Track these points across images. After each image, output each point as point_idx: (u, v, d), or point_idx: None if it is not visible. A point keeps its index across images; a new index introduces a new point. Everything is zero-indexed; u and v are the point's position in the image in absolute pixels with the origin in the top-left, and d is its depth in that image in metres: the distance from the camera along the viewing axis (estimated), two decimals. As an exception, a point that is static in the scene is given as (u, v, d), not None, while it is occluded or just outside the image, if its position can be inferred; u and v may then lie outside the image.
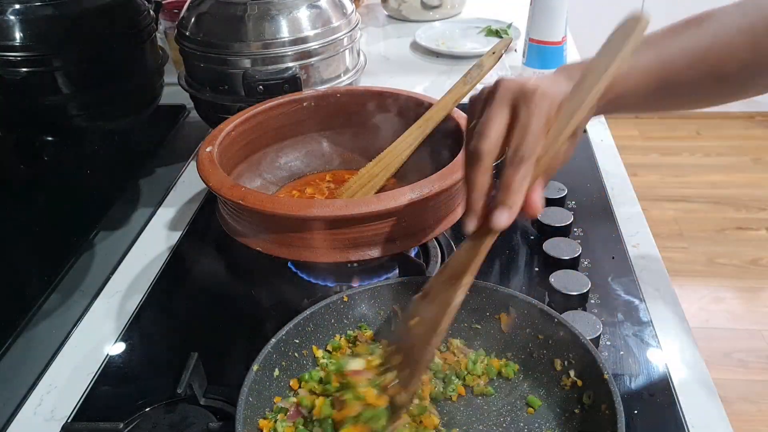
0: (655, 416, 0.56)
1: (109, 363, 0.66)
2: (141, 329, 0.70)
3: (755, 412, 1.64)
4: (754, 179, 2.57)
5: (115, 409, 0.60)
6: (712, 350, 1.80)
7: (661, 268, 0.73)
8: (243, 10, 0.86)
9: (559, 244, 0.73)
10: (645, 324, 0.65)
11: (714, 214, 2.38)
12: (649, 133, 2.94)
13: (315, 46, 0.88)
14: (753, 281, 2.06)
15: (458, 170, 0.63)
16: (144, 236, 0.86)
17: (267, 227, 0.63)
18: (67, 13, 0.87)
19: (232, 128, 0.74)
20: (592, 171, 0.92)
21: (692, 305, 1.96)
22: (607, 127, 1.05)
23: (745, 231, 2.30)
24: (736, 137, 2.87)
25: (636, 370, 0.60)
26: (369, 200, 0.59)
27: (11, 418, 0.61)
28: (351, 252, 0.62)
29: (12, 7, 0.84)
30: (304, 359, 0.57)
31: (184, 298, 0.75)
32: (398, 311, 0.61)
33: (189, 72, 0.94)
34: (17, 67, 0.85)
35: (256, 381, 0.51)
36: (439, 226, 0.66)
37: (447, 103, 0.74)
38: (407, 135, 0.75)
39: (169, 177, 0.98)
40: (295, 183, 0.81)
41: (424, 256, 0.76)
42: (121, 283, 0.78)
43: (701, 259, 2.17)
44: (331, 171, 0.83)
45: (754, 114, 3.00)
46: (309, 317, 0.57)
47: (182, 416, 0.58)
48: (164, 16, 1.28)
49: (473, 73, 0.75)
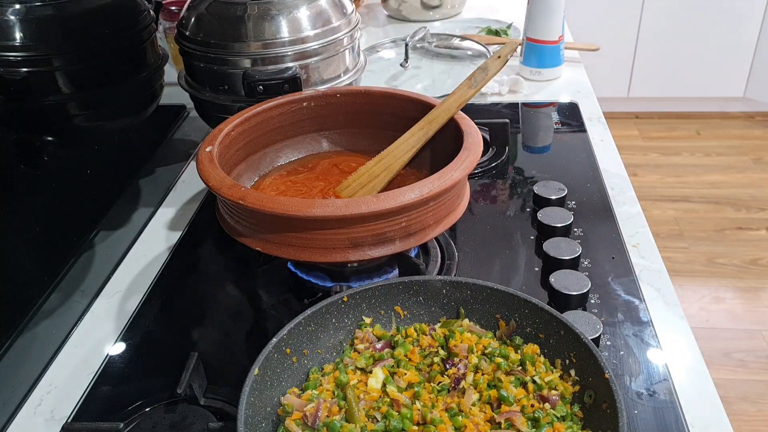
0: (655, 416, 0.56)
1: (109, 363, 0.66)
2: (141, 329, 0.70)
3: (755, 412, 1.64)
4: (754, 179, 2.57)
5: (115, 409, 0.60)
6: (712, 350, 1.80)
7: (661, 268, 0.73)
8: (243, 10, 0.86)
9: (559, 244, 0.73)
10: (645, 324, 0.65)
11: (714, 214, 2.38)
12: (649, 133, 2.94)
13: (315, 46, 0.88)
14: (753, 281, 2.06)
15: (458, 170, 0.63)
16: (144, 236, 0.86)
17: (267, 227, 0.63)
18: (67, 13, 0.87)
19: (232, 128, 0.74)
20: (592, 171, 0.92)
21: (692, 305, 1.96)
22: (607, 127, 1.05)
23: (745, 231, 2.30)
24: (736, 137, 2.87)
25: (636, 370, 0.60)
26: (369, 200, 0.59)
27: (11, 418, 0.61)
28: (351, 252, 0.62)
29: (12, 7, 0.84)
30: (304, 359, 0.57)
31: (184, 298, 0.75)
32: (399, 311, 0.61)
33: (189, 72, 0.94)
34: (17, 67, 0.85)
35: (257, 381, 0.51)
36: (439, 226, 0.66)
37: (451, 106, 0.74)
38: (409, 136, 0.75)
39: (169, 177, 0.99)
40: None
41: (424, 256, 0.76)
42: (121, 283, 0.78)
43: (701, 259, 2.17)
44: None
45: (754, 114, 3.01)
46: (309, 317, 0.57)
47: (182, 416, 0.58)
48: (164, 15, 1.28)
49: (478, 76, 0.75)
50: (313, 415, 0.50)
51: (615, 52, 2.83)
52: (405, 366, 0.55)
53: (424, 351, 0.57)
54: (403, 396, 0.52)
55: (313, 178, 0.79)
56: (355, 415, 0.50)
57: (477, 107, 1.12)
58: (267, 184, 0.79)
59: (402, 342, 0.57)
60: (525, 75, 1.23)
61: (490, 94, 1.17)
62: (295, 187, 0.78)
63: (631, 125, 3.00)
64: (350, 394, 0.52)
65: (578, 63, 1.30)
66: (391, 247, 0.63)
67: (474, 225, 0.82)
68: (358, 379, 0.54)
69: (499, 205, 0.86)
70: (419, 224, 0.64)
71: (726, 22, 2.75)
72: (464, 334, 0.57)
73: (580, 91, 1.18)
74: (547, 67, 1.21)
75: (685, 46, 2.81)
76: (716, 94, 2.96)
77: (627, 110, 3.06)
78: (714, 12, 2.73)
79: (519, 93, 1.18)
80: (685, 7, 2.72)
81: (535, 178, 0.91)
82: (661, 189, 2.54)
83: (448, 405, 0.52)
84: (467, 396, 0.52)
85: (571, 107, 1.12)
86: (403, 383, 0.54)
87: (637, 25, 2.79)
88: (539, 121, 1.11)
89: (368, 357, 0.56)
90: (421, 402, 0.52)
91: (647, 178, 2.61)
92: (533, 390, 0.53)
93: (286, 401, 0.52)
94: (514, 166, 0.96)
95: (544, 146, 1.03)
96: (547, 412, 0.51)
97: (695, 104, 3.04)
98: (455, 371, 0.54)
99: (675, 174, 2.63)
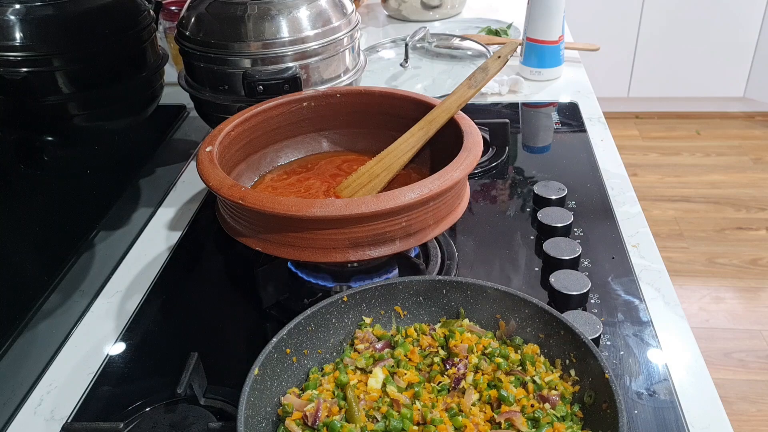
0: (655, 416, 0.56)
1: (109, 363, 0.66)
2: (141, 329, 0.70)
3: (755, 412, 1.64)
4: (754, 179, 2.57)
5: (115, 409, 0.60)
6: (712, 350, 1.80)
7: (661, 268, 0.73)
8: (243, 10, 0.86)
9: (559, 244, 0.73)
10: (645, 324, 0.65)
11: (714, 214, 2.38)
12: (649, 133, 2.94)
13: (315, 46, 0.88)
14: (753, 281, 2.06)
15: (458, 170, 0.63)
16: (144, 236, 0.86)
17: (267, 227, 0.63)
18: (67, 13, 0.87)
19: (232, 128, 0.74)
20: (592, 171, 0.92)
21: (692, 305, 1.96)
22: (607, 127, 1.05)
23: (745, 231, 2.30)
24: (736, 137, 2.87)
25: (636, 370, 0.60)
26: (369, 200, 0.59)
27: (11, 418, 0.61)
28: (351, 252, 0.62)
29: (12, 7, 0.84)
30: (304, 359, 0.57)
31: (184, 298, 0.75)
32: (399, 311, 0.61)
33: (189, 72, 0.94)
34: (17, 67, 0.85)
35: (257, 381, 0.51)
36: (439, 226, 0.66)
37: (451, 106, 0.74)
38: (409, 136, 0.75)
39: (169, 177, 0.98)
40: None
41: (424, 256, 0.76)
42: (121, 283, 0.78)
43: (701, 259, 2.17)
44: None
45: (754, 114, 3.01)
46: (309, 317, 0.57)
47: (182, 416, 0.58)
48: (164, 15, 1.28)
49: (478, 76, 0.75)
50: (313, 415, 0.50)
51: (615, 52, 2.83)
52: (405, 366, 0.55)
53: (424, 351, 0.57)
54: (403, 396, 0.52)
55: (313, 178, 0.79)
56: (355, 415, 0.50)
57: (477, 107, 1.12)
58: (267, 184, 0.79)
59: (402, 342, 0.57)
60: (525, 75, 1.23)
61: (490, 94, 1.17)
62: (295, 187, 0.78)
63: (631, 125, 3.00)
64: (350, 394, 0.52)
65: (578, 63, 1.30)
66: (391, 247, 0.63)
67: (474, 225, 0.82)
68: (358, 379, 0.54)
69: (499, 205, 0.86)
70: (419, 224, 0.64)
71: (726, 22, 2.75)
72: (464, 334, 0.57)
73: (580, 91, 1.18)
74: (547, 67, 1.21)
75: (685, 46, 2.81)
76: (716, 94, 2.96)
77: (627, 110, 3.06)
78: (714, 12, 2.73)
79: (519, 93, 1.18)
80: (685, 7, 2.72)
81: (535, 178, 0.91)
82: (661, 189, 2.54)
83: (448, 405, 0.52)
84: (467, 396, 0.52)
85: (571, 107, 1.12)
86: (403, 383, 0.54)
87: (637, 25, 2.79)
88: (539, 121, 1.11)
89: (368, 357, 0.56)
90: (421, 402, 0.52)
91: (647, 178, 2.61)
92: (533, 390, 0.53)
93: (286, 401, 0.52)
94: (514, 166, 0.96)
95: (544, 146, 1.03)
96: (547, 412, 0.51)
97: (695, 104, 3.04)
98: (455, 371, 0.54)
99: (675, 174, 2.63)
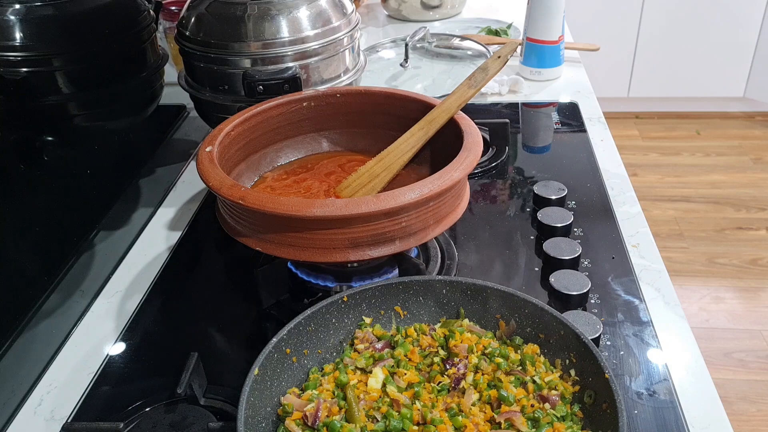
0: (655, 416, 0.56)
1: (109, 363, 0.66)
2: (141, 329, 0.70)
3: (755, 412, 1.64)
4: (754, 179, 2.57)
5: (115, 409, 0.60)
6: (712, 350, 1.80)
7: (661, 268, 0.73)
8: (243, 10, 0.86)
9: (559, 244, 0.73)
10: (645, 324, 0.65)
11: (714, 214, 2.38)
12: (649, 133, 2.94)
13: (315, 46, 0.88)
14: (753, 281, 2.06)
15: (458, 170, 0.63)
16: (144, 236, 0.86)
17: (267, 227, 0.63)
18: (67, 13, 0.87)
19: (232, 128, 0.74)
20: (592, 171, 0.92)
21: (692, 305, 1.96)
22: (607, 127, 1.05)
23: (745, 231, 2.30)
24: (736, 137, 2.87)
25: (636, 370, 0.60)
26: (369, 200, 0.59)
27: (11, 418, 0.61)
28: (351, 252, 0.62)
29: (12, 7, 0.84)
30: (304, 359, 0.57)
31: (184, 298, 0.75)
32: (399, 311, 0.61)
33: (189, 72, 0.94)
34: (17, 67, 0.85)
35: (257, 381, 0.51)
36: (439, 226, 0.66)
37: (451, 106, 0.74)
38: (409, 136, 0.75)
39: (169, 177, 0.98)
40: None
41: (424, 256, 0.76)
42: (121, 283, 0.78)
43: (701, 259, 2.17)
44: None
45: (754, 114, 3.01)
46: (309, 317, 0.57)
47: (182, 416, 0.58)
48: (164, 15, 1.28)
49: (478, 76, 0.75)
50: (313, 415, 0.50)
51: (615, 52, 2.83)
52: (405, 366, 0.55)
53: (424, 351, 0.57)
54: (403, 396, 0.52)
55: (313, 178, 0.79)
56: (355, 415, 0.50)
57: (477, 107, 1.12)
58: (267, 184, 0.79)
59: (402, 342, 0.57)
60: (525, 75, 1.23)
61: (490, 94, 1.17)
62: (295, 187, 0.78)
63: (631, 125, 3.00)
64: (350, 394, 0.52)
65: (578, 63, 1.30)
66: (391, 247, 0.63)
67: (474, 225, 0.82)
68: (358, 379, 0.54)
69: (499, 205, 0.86)
70: (419, 224, 0.64)
71: (726, 22, 2.75)
72: (464, 334, 0.57)
73: (580, 91, 1.18)
74: (547, 67, 1.21)
75: (685, 46, 2.81)
76: (716, 94, 2.96)
77: (627, 110, 3.06)
78: (714, 12, 2.73)
79: (519, 93, 1.18)
80: (685, 7, 2.72)
81: (535, 178, 0.91)
82: (661, 189, 2.54)
83: (448, 405, 0.52)
84: (467, 396, 0.52)
85: (571, 107, 1.12)
86: (403, 383, 0.54)
87: (637, 25, 2.79)
88: (539, 121, 1.11)
89: (368, 357, 0.56)
90: (421, 402, 0.52)
91: (647, 178, 2.61)
92: (533, 390, 0.53)
93: (286, 401, 0.52)
94: (514, 166, 0.96)
95: (544, 146, 1.03)
96: (547, 412, 0.51)
97: (695, 104, 3.04)
98: (455, 371, 0.54)
99: (675, 174, 2.64)
